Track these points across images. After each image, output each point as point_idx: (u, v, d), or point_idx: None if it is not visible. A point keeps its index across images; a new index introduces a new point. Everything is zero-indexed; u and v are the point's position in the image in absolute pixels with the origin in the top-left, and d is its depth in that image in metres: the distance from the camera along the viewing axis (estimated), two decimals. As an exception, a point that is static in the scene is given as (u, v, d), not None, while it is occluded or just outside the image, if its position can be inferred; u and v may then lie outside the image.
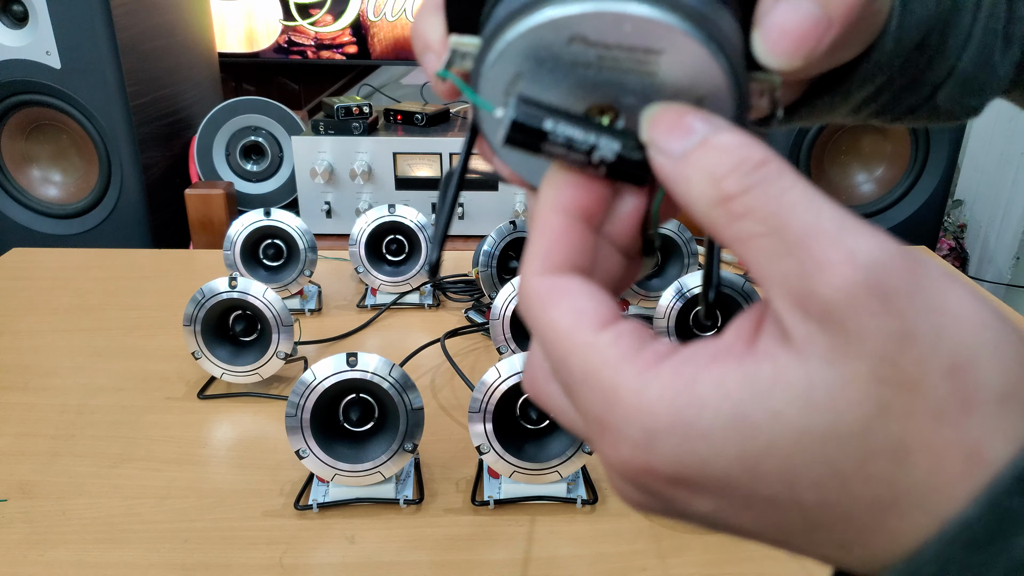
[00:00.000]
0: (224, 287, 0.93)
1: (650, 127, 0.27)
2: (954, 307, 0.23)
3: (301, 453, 0.76)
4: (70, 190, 2.01)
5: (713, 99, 0.27)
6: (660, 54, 0.26)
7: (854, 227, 0.24)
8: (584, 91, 0.28)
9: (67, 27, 1.79)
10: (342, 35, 2.45)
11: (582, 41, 0.26)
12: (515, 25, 0.26)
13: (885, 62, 0.38)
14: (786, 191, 0.24)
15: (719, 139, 0.26)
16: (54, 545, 0.74)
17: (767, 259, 0.25)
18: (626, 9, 0.25)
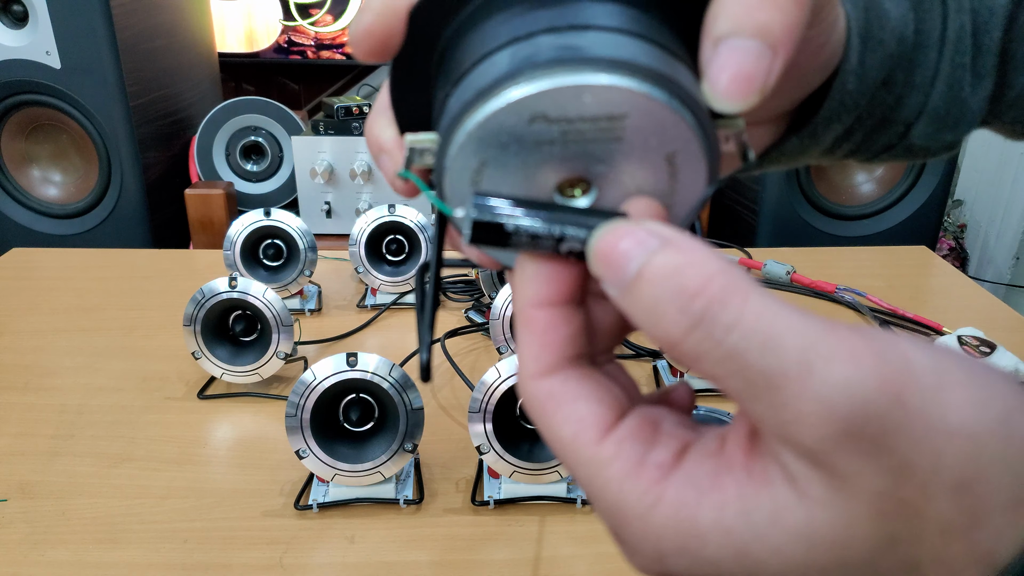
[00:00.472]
0: (224, 287, 0.93)
1: (592, 259, 0.27)
2: (952, 423, 0.22)
3: (301, 453, 0.76)
4: (70, 190, 2.01)
5: (684, 153, 0.27)
6: (624, 118, 0.26)
7: (822, 357, 0.22)
8: (552, 168, 0.27)
9: (67, 27, 1.79)
10: (342, 35, 2.45)
11: (543, 119, 0.26)
12: (473, 114, 0.26)
13: (850, 101, 0.38)
14: (733, 328, 0.23)
15: (652, 269, 0.24)
16: (54, 545, 0.74)
17: (740, 398, 0.24)
18: (584, 80, 0.25)
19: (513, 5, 0.27)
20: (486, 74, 0.26)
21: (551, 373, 0.28)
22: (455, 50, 0.29)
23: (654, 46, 0.26)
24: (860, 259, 1.40)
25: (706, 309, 0.23)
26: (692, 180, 0.28)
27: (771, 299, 0.24)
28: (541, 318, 0.28)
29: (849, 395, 0.22)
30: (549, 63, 0.25)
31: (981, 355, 0.94)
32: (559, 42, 0.25)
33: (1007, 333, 1.12)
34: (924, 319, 1.14)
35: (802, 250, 1.42)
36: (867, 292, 1.21)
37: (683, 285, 0.24)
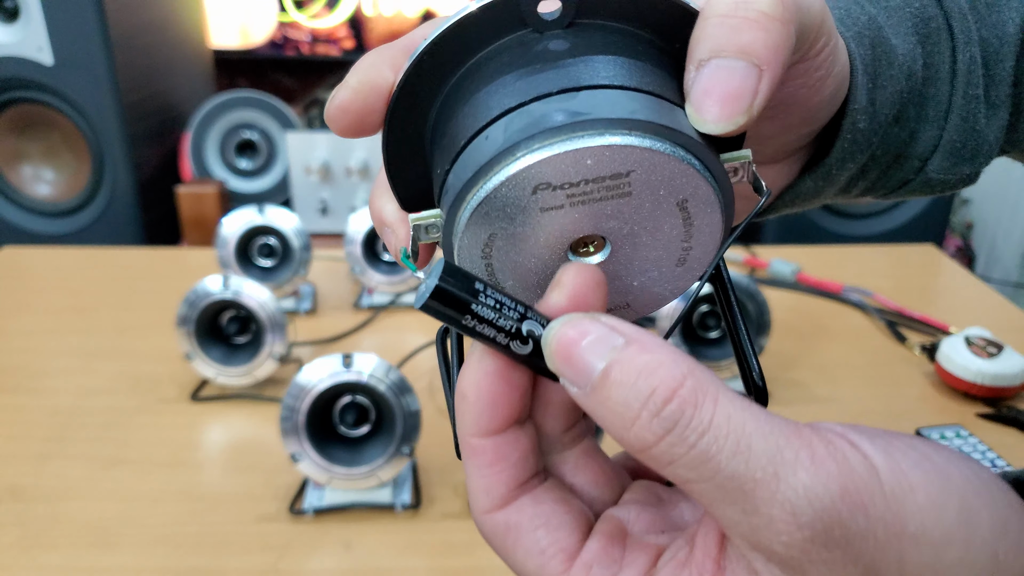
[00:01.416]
0: (217, 287, 0.92)
1: (551, 356, 0.26)
2: (914, 529, 0.23)
3: (296, 457, 0.75)
4: (62, 188, 2.00)
5: (695, 199, 0.26)
6: (629, 175, 0.25)
7: (788, 463, 0.23)
8: (562, 231, 0.27)
9: (59, 23, 1.78)
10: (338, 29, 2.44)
11: (547, 187, 0.25)
12: (475, 192, 0.26)
13: (862, 140, 0.37)
14: (707, 432, 0.23)
15: (620, 369, 0.24)
16: (46, 549, 0.73)
17: (710, 503, 0.24)
18: (581, 145, 0.24)
19: (501, 73, 0.27)
20: (483, 150, 0.26)
21: (505, 504, 0.28)
22: (448, 123, 0.28)
23: (647, 96, 0.26)
24: (867, 258, 1.39)
25: (680, 412, 0.23)
26: (708, 224, 0.27)
27: (739, 400, 0.24)
28: (488, 449, 0.28)
29: (813, 502, 0.22)
30: (544, 133, 0.24)
31: (988, 356, 0.93)
32: (552, 108, 0.25)
33: (1015, 333, 1.11)
34: (931, 319, 1.13)
35: (808, 248, 1.42)
36: (874, 291, 1.20)
37: (655, 387, 0.23)
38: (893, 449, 0.24)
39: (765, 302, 0.93)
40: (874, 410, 0.94)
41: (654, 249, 0.28)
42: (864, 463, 0.23)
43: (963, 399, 0.96)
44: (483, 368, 0.28)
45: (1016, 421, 0.90)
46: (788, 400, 0.96)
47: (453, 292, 0.26)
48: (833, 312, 1.19)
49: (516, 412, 0.28)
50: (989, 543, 0.23)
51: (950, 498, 0.23)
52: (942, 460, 0.24)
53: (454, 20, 0.27)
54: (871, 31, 0.37)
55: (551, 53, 0.27)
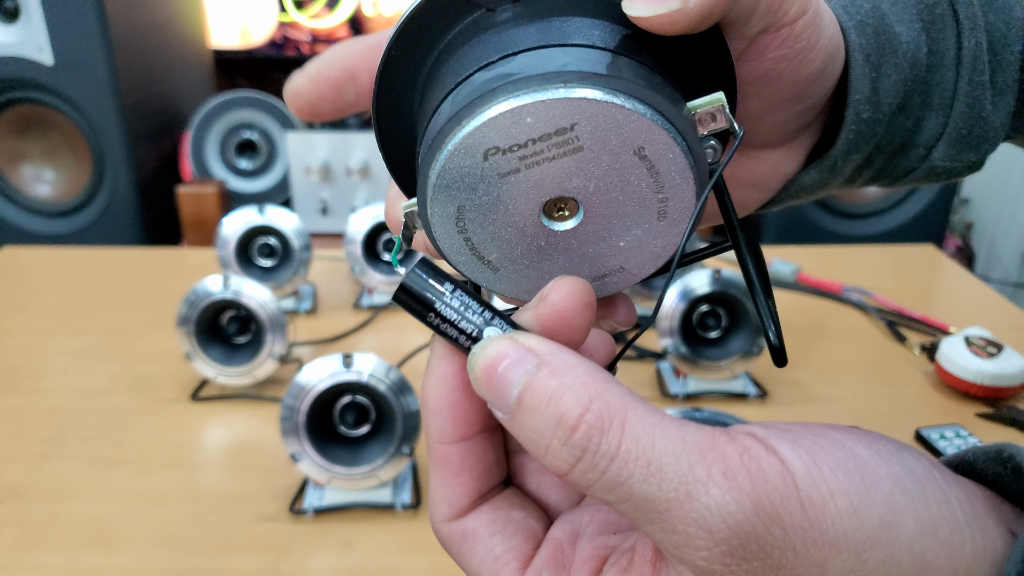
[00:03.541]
0: (217, 287, 0.92)
1: (476, 382, 0.26)
2: (833, 534, 0.23)
3: (296, 457, 0.75)
4: (62, 188, 2.00)
5: (651, 144, 0.26)
6: (574, 127, 0.25)
7: (699, 481, 0.23)
8: (528, 196, 0.27)
9: (60, 23, 1.78)
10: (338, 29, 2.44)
11: (496, 152, 0.25)
12: (433, 166, 0.26)
13: (867, 131, 0.37)
14: (616, 457, 0.23)
15: (530, 395, 0.24)
16: (45, 549, 0.73)
17: (634, 521, 0.24)
18: (518, 102, 0.24)
19: (456, 54, 0.28)
20: (434, 126, 0.27)
21: (462, 514, 0.29)
22: (421, 111, 0.29)
23: (584, 48, 0.26)
24: (866, 258, 1.39)
25: (587, 440, 0.23)
26: (675, 170, 0.27)
27: (649, 419, 0.24)
28: (454, 458, 0.28)
29: (725, 519, 0.22)
30: (482, 98, 0.25)
31: (988, 356, 0.93)
32: (490, 75, 0.26)
33: (1014, 333, 1.11)
34: (931, 319, 1.13)
35: (808, 248, 1.42)
36: (874, 291, 1.20)
37: (562, 414, 0.24)
38: (818, 450, 0.23)
39: (765, 302, 0.92)
40: (874, 410, 0.94)
41: (628, 204, 0.27)
42: (780, 472, 0.23)
43: (963, 399, 0.96)
44: (440, 374, 0.28)
45: (1016, 421, 0.90)
46: (788, 400, 0.96)
47: (417, 290, 0.27)
48: (833, 312, 1.19)
49: (479, 418, 0.28)
50: (915, 545, 0.23)
51: (873, 502, 0.23)
52: (871, 458, 0.24)
53: (406, 15, 0.28)
54: (874, 19, 0.37)
55: (497, 25, 0.27)
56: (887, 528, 0.23)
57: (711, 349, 0.95)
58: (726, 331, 0.96)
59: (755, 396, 0.95)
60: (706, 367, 0.94)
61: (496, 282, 0.30)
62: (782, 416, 0.92)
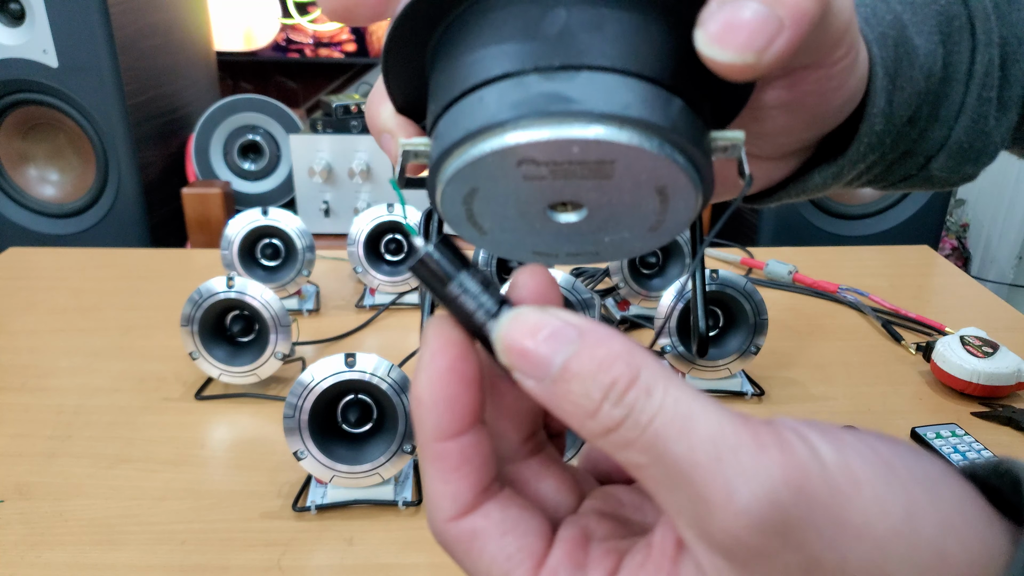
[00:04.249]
0: (221, 287, 0.93)
1: (505, 351, 0.26)
2: (857, 520, 0.23)
3: (299, 454, 0.75)
4: (67, 189, 2.01)
5: (673, 186, 0.27)
6: (613, 163, 0.26)
7: (730, 447, 0.23)
8: (541, 195, 0.27)
9: (64, 25, 1.79)
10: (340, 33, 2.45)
11: (531, 162, 0.26)
12: (460, 154, 0.26)
13: (876, 142, 0.37)
14: (657, 415, 0.24)
15: (580, 363, 0.25)
16: (51, 546, 0.73)
17: (660, 488, 0.24)
18: (572, 135, 0.25)
19: (505, 22, 0.27)
20: (475, 113, 0.26)
21: (471, 511, 0.28)
22: (448, 55, 0.28)
23: (645, 83, 0.26)
24: (862, 259, 1.39)
25: (637, 397, 0.24)
26: (684, 203, 0.28)
27: (690, 389, 0.24)
28: (452, 453, 0.28)
29: (753, 485, 0.22)
30: (536, 115, 0.25)
31: (984, 355, 0.94)
32: (547, 89, 0.25)
33: (1010, 333, 1.11)
34: (926, 319, 1.13)
35: (804, 249, 1.42)
36: (869, 292, 1.21)
37: (615, 378, 0.24)
38: (842, 444, 0.24)
39: (762, 302, 0.93)
40: (870, 408, 0.95)
41: (628, 217, 0.28)
42: (811, 453, 0.23)
43: (958, 398, 0.96)
44: (434, 368, 0.28)
45: (1011, 420, 0.91)
46: (784, 399, 0.97)
47: (437, 265, 0.27)
48: (829, 312, 1.20)
49: (475, 410, 0.28)
50: (935, 540, 0.23)
51: (896, 495, 0.23)
52: (892, 456, 0.24)
53: None
54: (895, 31, 0.36)
55: (559, 11, 0.26)
56: (909, 521, 0.23)
57: (709, 348, 0.96)
58: (723, 331, 0.96)
59: (752, 395, 0.96)
60: (704, 366, 0.95)
61: (481, 242, 0.31)
62: (779, 414, 0.92)
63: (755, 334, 0.94)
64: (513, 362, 0.26)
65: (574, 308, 0.95)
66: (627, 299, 1.15)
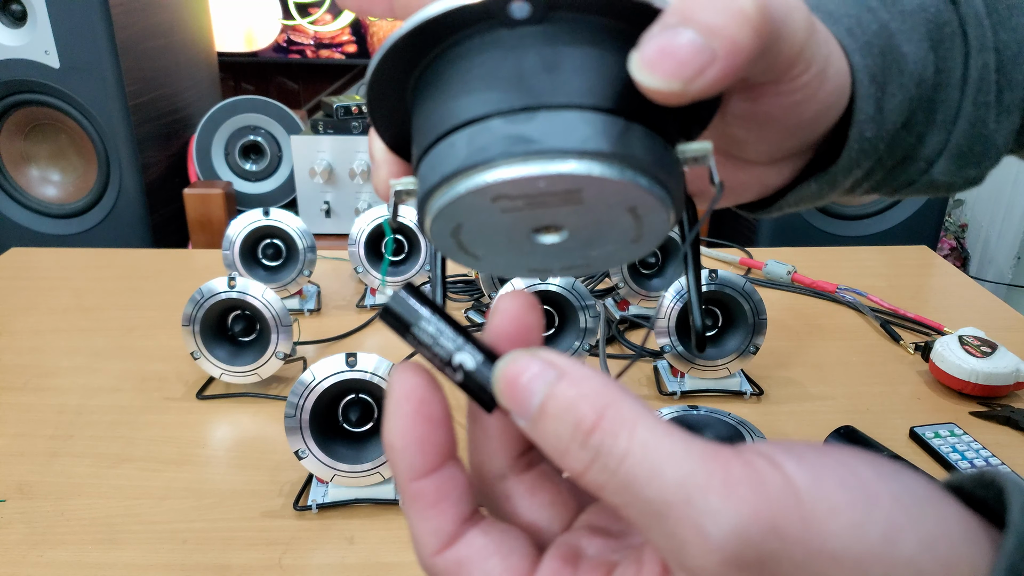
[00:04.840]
0: (223, 287, 0.93)
1: (500, 394, 0.28)
2: (835, 547, 0.23)
3: (300, 454, 0.76)
4: (69, 190, 2.01)
5: (643, 206, 0.28)
6: (581, 191, 0.27)
7: (699, 487, 0.23)
8: (523, 222, 0.29)
9: (66, 26, 1.79)
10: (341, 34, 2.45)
11: (505, 198, 0.27)
12: (439, 195, 0.28)
13: (869, 147, 0.37)
14: (625, 459, 0.24)
15: (552, 403, 0.26)
16: (53, 546, 0.73)
17: (640, 524, 0.25)
18: (536, 172, 0.26)
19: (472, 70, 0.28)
20: (447, 158, 0.28)
21: (453, 542, 0.29)
22: (424, 100, 0.30)
23: (603, 115, 0.27)
24: (861, 259, 1.40)
25: (601, 443, 0.25)
26: (657, 220, 0.29)
27: (656, 427, 0.25)
28: (428, 490, 0.29)
29: (721, 525, 0.23)
30: (501, 157, 0.26)
31: (982, 355, 0.94)
32: (510, 132, 0.26)
33: (1008, 333, 1.12)
34: (925, 319, 1.14)
35: (803, 250, 1.42)
36: (868, 292, 1.21)
37: (580, 419, 0.25)
38: (821, 467, 0.24)
39: (761, 302, 0.94)
40: (868, 408, 0.95)
41: (609, 233, 0.30)
42: (782, 485, 0.23)
43: (957, 398, 0.97)
44: (401, 413, 0.29)
45: (1009, 419, 0.91)
46: (783, 398, 0.97)
47: (398, 314, 0.29)
48: (828, 312, 1.20)
49: (445, 447, 0.29)
50: (915, 560, 0.23)
51: (874, 518, 0.23)
52: (872, 477, 0.24)
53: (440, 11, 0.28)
54: (881, 39, 0.37)
55: (518, 56, 0.28)
56: (888, 544, 0.23)
57: (708, 348, 0.96)
58: (722, 330, 0.97)
59: (751, 394, 0.96)
60: (703, 366, 0.95)
61: (476, 266, 0.32)
62: (778, 413, 0.93)
63: (754, 334, 0.94)
64: (506, 403, 0.27)
65: (574, 309, 0.95)
66: (627, 299, 1.16)
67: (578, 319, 0.95)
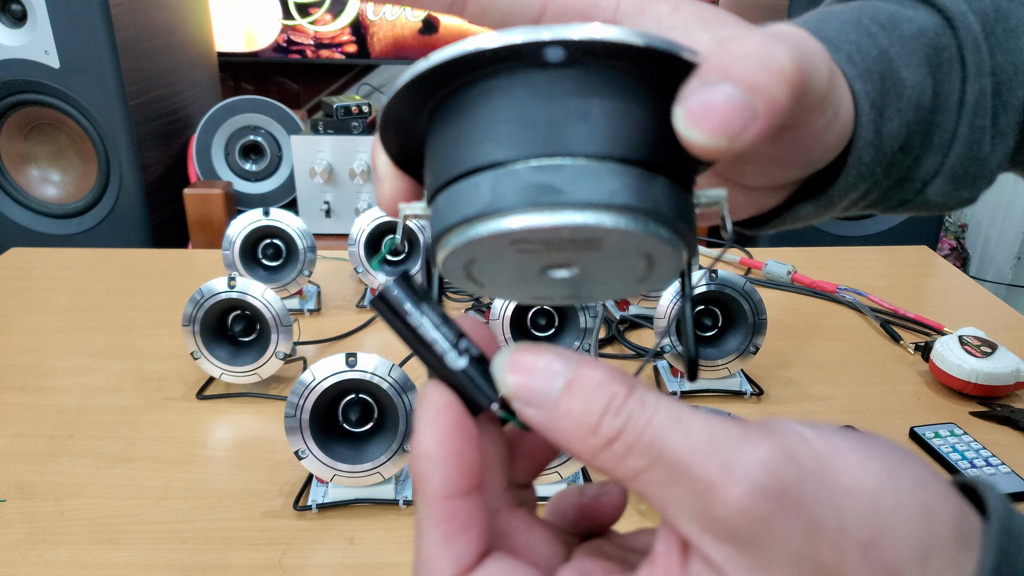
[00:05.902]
0: (223, 287, 0.93)
1: (507, 378, 0.27)
2: (847, 482, 0.24)
3: (300, 454, 0.76)
4: (69, 190, 2.01)
5: (659, 254, 0.28)
6: (601, 241, 0.27)
7: (724, 433, 0.25)
8: (535, 262, 0.29)
9: (66, 26, 1.79)
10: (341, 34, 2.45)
11: (525, 242, 0.27)
12: (458, 233, 0.28)
13: (867, 172, 0.37)
14: (653, 417, 0.25)
15: (583, 380, 0.26)
16: (53, 546, 0.74)
17: (661, 489, 0.25)
18: (561, 222, 0.26)
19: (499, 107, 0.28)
20: (469, 198, 0.27)
21: (471, 570, 0.28)
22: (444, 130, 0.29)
23: (630, 168, 0.27)
24: (861, 259, 1.40)
25: (633, 407, 0.26)
26: (670, 266, 0.29)
27: (677, 400, 0.26)
28: (461, 511, 0.28)
29: (750, 456, 0.24)
30: (528, 205, 0.26)
31: (982, 355, 0.94)
32: (537, 180, 0.26)
33: (1008, 333, 1.12)
34: (925, 319, 1.14)
35: (803, 250, 1.42)
36: (868, 292, 1.21)
37: (613, 393, 0.26)
38: (820, 427, 0.26)
39: (761, 302, 0.94)
40: (868, 408, 0.95)
41: (619, 273, 0.30)
42: (794, 432, 0.25)
43: (957, 398, 0.96)
44: (440, 425, 0.28)
45: (1009, 419, 0.91)
46: (783, 398, 0.97)
47: (391, 303, 0.29)
48: (828, 312, 1.20)
49: (479, 471, 0.28)
50: (917, 494, 0.25)
51: (873, 456, 0.25)
52: (863, 435, 0.26)
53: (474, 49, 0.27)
54: (880, 65, 0.37)
55: (548, 101, 0.27)
56: (890, 476, 0.25)
57: (707, 348, 0.96)
58: (722, 330, 0.97)
59: (751, 394, 0.96)
60: (703, 366, 0.95)
61: (483, 292, 0.32)
62: (778, 413, 0.93)
63: (754, 334, 0.94)
64: (515, 392, 0.27)
65: (574, 309, 0.95)
66: (626, 299, 1.16)
67: (578, 319, 0.95)
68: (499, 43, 0.26)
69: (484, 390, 0.29)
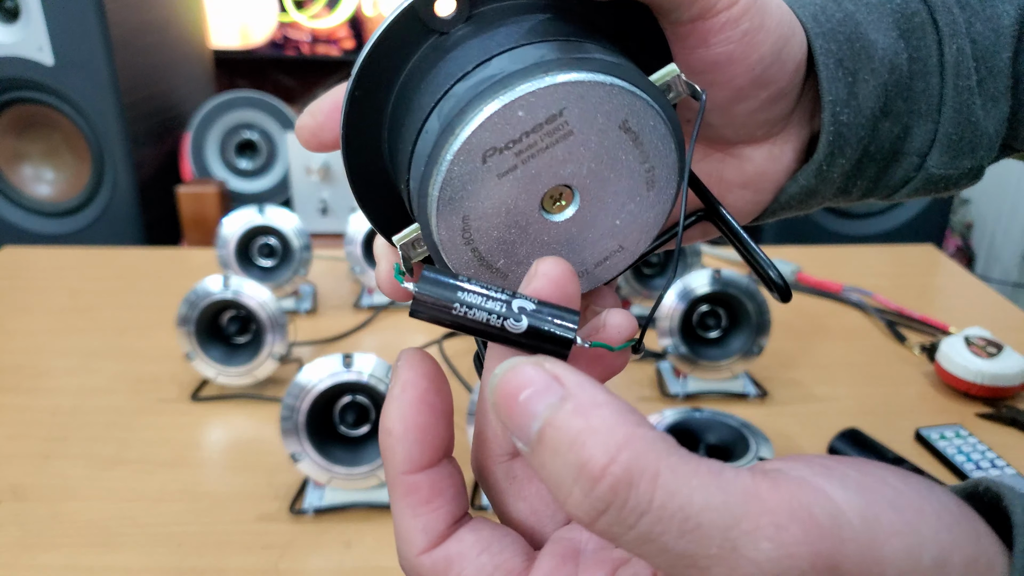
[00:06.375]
0: (217, 287, 0.92)
1: (493, 406, 0.24)
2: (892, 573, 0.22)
3: (296, 456, 0.75)
4: (62, 188, 2.00)
5: (633, 115, 0.27)
6: (562, 113, 0.26)
7: (746, 534, 0.21)
8: (526, 191, 0.28)
9: (59, 23, 1.78)
10: (338, 29, 2.44)
11: (494, 152, 0.26)
12: (433, 180, 0.27)
13: (849, 133, 0.37)
14: (644, 513, 0.21)
15: (552, 434, 0.22)
16: (46, 549, 0.73)
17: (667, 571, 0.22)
18: (508, 98, 0.25)
19: (425, 78, 0.29)
20: (424, 144, 0.28)
21: (443, 540, 0.27)
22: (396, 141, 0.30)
23: (552, 41, 0.28)
24: (866, 258, 1.39)
25: (613, 493, 0.21)
26: (656, 136, 0.28)
27: (683, 468, 0.21)
28: (423, 485, 0.27)
29: (777, 573, 0.21)
30: (471, 103, 0.26)
31: (988, 356, 0.93)
32: (471, 82, 0.27)
33: (1014, 332, 1.11)
34: (930, 319, 1.13)
35: (808, 249, 1.42)
36: (873, 291, 1.20)
37: (585, 462, 0.21)
38: (867, 490, 0.23)
39: (765, 301, 0.93)
40: (873, 410, 0.94)
41: (619, 181, 0.29)
42: (832, 516, 0.22)
43: (963, 399, 0.96)
44: (405, 399, 0.27)
45: (1015, 421, 0.90)
46: (788, 399, 0.96)
47: (432, 299, 0.27)
48: (833, 312, 1.19)
49: (444, 442, 0.28)
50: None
51: (923, 540, 0.22)
52: (914, 496, 0.23)
53: (365, 52, 0.29)
54: (847, 27, 0.37)
55: (458, 44, 0.28)
56: (939, 567, 0.22)
57: (711, 349, 0.95)
58: (726, 331, 0.96)
59: (755, 396, 0.95)
60: (706, 367, 0.94)
61: (507, 281, 0.31)
62: (782, 415, 0.93)
63: (758, 334, 0.93)
64: (501, 420, 0.24)
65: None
66: (628, 299, 1.15)
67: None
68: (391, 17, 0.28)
69: (556, 338, 0.26)
